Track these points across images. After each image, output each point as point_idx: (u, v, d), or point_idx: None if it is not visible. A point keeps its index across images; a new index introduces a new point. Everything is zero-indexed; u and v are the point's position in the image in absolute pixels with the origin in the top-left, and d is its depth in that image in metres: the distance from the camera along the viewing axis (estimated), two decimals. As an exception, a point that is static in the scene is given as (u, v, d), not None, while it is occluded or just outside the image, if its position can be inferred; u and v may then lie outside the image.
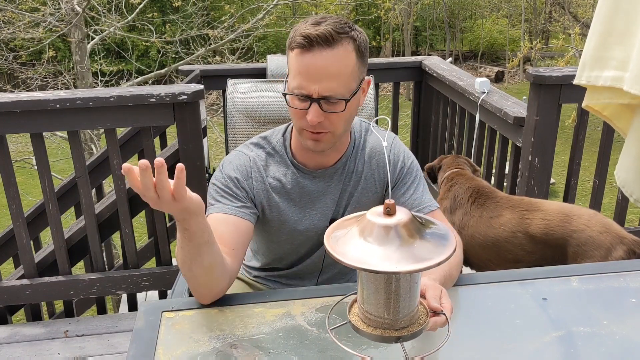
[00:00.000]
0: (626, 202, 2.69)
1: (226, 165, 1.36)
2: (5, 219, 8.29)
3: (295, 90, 1.21)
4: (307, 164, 1.37)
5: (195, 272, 1.12)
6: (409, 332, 0.92)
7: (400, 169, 1.39)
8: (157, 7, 14.28)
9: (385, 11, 15.49)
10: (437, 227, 0.92)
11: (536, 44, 11.44)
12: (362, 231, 0.87)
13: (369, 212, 0.89)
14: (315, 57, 1.17)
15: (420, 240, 0.86)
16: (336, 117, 1.23)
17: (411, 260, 0.83)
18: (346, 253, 0.85)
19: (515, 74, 19.50)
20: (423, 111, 3.56)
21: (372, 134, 1.42)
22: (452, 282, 1.24)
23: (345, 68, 1.20)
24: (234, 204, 1.30)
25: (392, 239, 0.85)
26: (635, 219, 5.04)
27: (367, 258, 0.83)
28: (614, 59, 1.24)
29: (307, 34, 1.17)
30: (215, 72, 3.28)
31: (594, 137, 5.07)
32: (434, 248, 0.85)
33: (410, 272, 0.84)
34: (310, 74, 1.18)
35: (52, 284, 2.48)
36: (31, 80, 8.94)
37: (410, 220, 0.88)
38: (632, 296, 1.23)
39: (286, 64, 1.28)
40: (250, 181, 1.34)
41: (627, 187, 1.37)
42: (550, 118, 2.39)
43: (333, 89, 1.19)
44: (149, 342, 1.08)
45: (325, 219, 1.40)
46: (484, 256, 2.16)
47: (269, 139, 1.39)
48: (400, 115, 3.68)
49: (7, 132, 2.27)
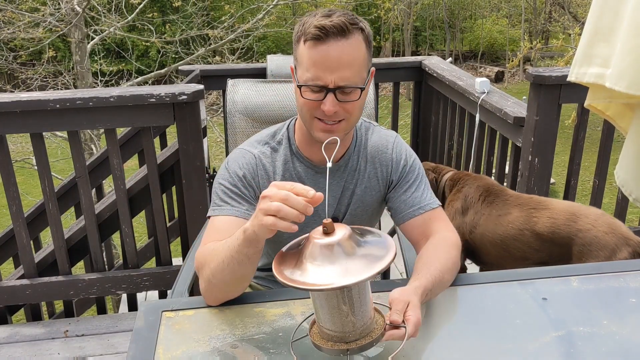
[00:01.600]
0: (626, 202, 2.69)
1: (232, 163, 1.35)
2: (5, 219, 8.29)
3: (310, 81, 1.22)
4: (312, 159, 1.37)
5: (226, 278, 1.12)
6: (357, 346, 0.94)
7: (403, 167, 1.40)
8: (157, 7, 14.28)
9: (385, 11, 15.49)
10: (376, 235, 0.94)
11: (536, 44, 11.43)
12: (308, 257, 0.90)
13: (311, 233, 0.92)
14: (330, 48, 1.19)
15: (361, 251, 0.89)
16: (351, 106, 1.25)
17: (358, 270, 0.86)
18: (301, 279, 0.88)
19: (515, 74, 19.50)
20: (423, 111, 3.56)
21: (374, 133, 1.43)
22: (444, 286, 1.22)
23: (358, 57, 1.22)
24: (242, 206, 1.30)
25: (338, 255, 0.88)
26: (635, 219, 5.04)
27: (315, 277, 0.87)
28: (598, 57, 1.26)
29: (321, 25, 1.18)
30: (215, 72, 3.29)
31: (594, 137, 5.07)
32: (373, 259, 0.88)
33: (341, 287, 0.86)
34: (326, 64, 1.19)
35: (52, 284, 2.48)
36: (31, 80, 8.93)
37: (350, 234, 0.91)
38: (632, 296, 1.23)
39: (286, 63, 1.28)
40: (257, 179, 1.34)
41: (626, 186, 1.37)
42: (550, 118, 2.39)
43: (348, 78, 1.21)
44: (149, 342, 1.08)
45: (326, 215, 1.40)
46: (494, 253, 2.17)
47: (273, 134, 1.40)
48: (400, 115, 3.68)
49: (7, 132, 2.27)
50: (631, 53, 1.15)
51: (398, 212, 1.38)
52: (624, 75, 1.17)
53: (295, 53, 1.26)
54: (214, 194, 1.33)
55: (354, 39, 1.21)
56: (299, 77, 1.26)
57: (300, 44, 1.23)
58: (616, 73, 1.18)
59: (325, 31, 1.18)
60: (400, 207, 1.38)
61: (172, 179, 2.51)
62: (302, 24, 1.23)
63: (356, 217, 1.43)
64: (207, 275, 1.15)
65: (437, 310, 1.19)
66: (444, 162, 3.36)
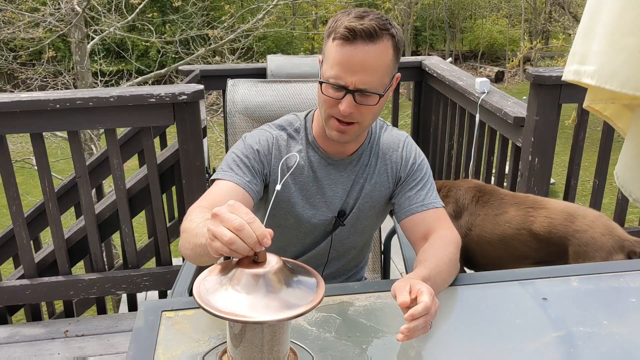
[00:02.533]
0: (626, 202, 2.69)
1: (249, 137, 1.38)
2: (5, 219, 8.28)
3: (331, 79, 1.23)
4: (327, 150, 1.40)
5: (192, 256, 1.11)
6: None
7: (412, 165, 1.43)
8: (157, 7, 14.28)
9: (385, 11, 15.49)
10: (307, 273, 0.91)
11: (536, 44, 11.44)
12: (231, 279, 0.86)
13: (243, 258, 0.87)
14: (356, 50, 1.20)
15: (284, 290, 0.85)
16: (367, 110, 1.26)
17: (275, 309, 0.82)
18: (213, 302, 0.83)
19: (515, 74, 19.50)
20: (423, 111, 3.56)
21: (387, 132, 1.46)
22: (444, 278, 1.21)
23: (382, 63, 1.23)
24: (246, 176, 1.31)
25: (260, 288, 0.84)
26: (635, 219, 5.03)
27: (233, 306, 0.82)
28: (577, 54, 1.27)
29: (352, 27, 1.19)
30: (215, 72, 3.28)
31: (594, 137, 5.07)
32: (291, 302, 0.84)
33: (242, 322, 0.83)
34: (349, 65, 1.21)
35: (52, 284, 2.48)
36: (31, 81, 8.94)
37: (280, 267, 0.87)
38: (632, 296, 1.23)
39: (286, 63, 1.29)
40: (269, 157, 1.37)
41: (626, 186, 1.37)
42: (550, 118, 2.39)
43: (369, 82, 1.22)
44: (148, 342, 1.07)
45: (334, 208, 1.42)
46: (492, 254, 2.16)
47: (292, 121, 1.43)
48: (400, 115, 3.68)
49: (7, 132, 2.27)
50: (623, 51, 1.16)
51: (401, 207, 1.40)
52: (616, 73, 1.17)
53: (324, 47, 1.28)
54: (224, 162, 1.36)
55: (382, 44, 1.22)
56: (323, 72, 1.28)
57: (329, 40, 1.25)
58: (607, 72, 1.19)
59: (354, 33, 1.20)
60: (404, 203, 1.39)
61: (172, 179, 2.51)
62: (335, 21, 1.24)
63: (363, 212, 1.44)
64: (181, 241, 1.14)
65: (438, 310, 1.19)
66: (444, 162, 3.36)
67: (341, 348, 1.06)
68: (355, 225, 1.46)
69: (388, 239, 1.96)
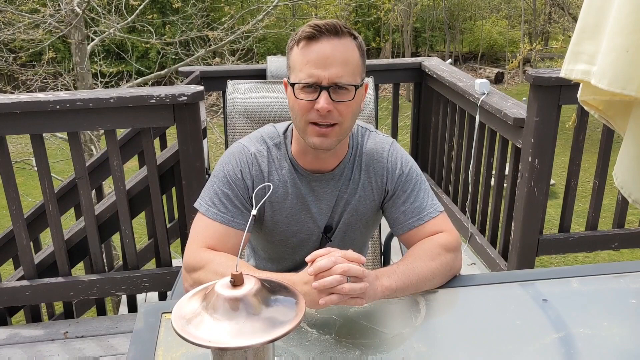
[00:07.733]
0: (626, 203, 2.69)
1: (227, 164, 1.35)
2: (5, 220, 8.29)
3: (304, 80, 1.22)
4: (306, 167, 1.36)
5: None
6: None
7: (399, 176, 1.37)
8: (157, 8, 14.30)
9: (385, 12, 15.52)
10: (288, 294, 0.89)
11: (536, 45, 11.45)
12: (208, 307, 0.84)
13: (217, 284, 0.86)
14: (324, 45, 1.21)
15: (265, 312, 0.84)
16: (345, 108, 1.24)
17: (248, 335, 0.80)
18: (194, 332, 0.82)
19: (515, 75, 19.52)
20: (423, 112, 3.56)
21: (370, 139, 1.41)
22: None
23: (351, 57, 1.24)
24: (228, 213, 1.31)
25: (240, 312, 0.83)
26: (635, 220, 5.03)
27: (209, 332, 0.81)
28: (584, 53, 1.27)
29: (314, 24, 1.21)
30: (215, 74, 3.29)
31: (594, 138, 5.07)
32: (273, 323, 0.82)
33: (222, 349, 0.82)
34: (319, 60, 1.21)
35: (51, 285, 2.48)
36: (31, 82, 8.94)
37: (259, 290, 0.86)
38: (632, 297, 1.23)
39: (286, 65, 1.29)
40: (252, 179, 1.34)
41: (625, 187, 1.37)
42: (550, 119, 2.39)
43: (342, 75, 1.22)
44: (148, 344, 1.07)
45: (320, 224, 1.40)
46: None
47: (272, 135, 1.39)
48: (400, 117, 3.68)
49: (7, 133, 2.27)
50: (613, 51, 1.16)
51: (397, 223, 1.37)
52: (606, 72, 1.18)
53: (288, 62, 1.27)
54: (206, 186, 1.35)
55: (347, 40, 1.24)
56: (292, 80, 1.26)
57: (293, 50, 1.25)
58: (600, 70, 1.19)
59: (319, 29, 1.21)
60: (399, 219, 1.36)
61: (172, 180, 2.51)
62: (295, 33, 1.26)
63: (350, 226, 1.42)
64: (201, 278, 1.17)
65: (437, 311, 1.19)
66: (443, 163, 3.36)
67: (341, 350, 1.06)
68: (344, 239, 1.43)
69: (388, 239, 1.95)
